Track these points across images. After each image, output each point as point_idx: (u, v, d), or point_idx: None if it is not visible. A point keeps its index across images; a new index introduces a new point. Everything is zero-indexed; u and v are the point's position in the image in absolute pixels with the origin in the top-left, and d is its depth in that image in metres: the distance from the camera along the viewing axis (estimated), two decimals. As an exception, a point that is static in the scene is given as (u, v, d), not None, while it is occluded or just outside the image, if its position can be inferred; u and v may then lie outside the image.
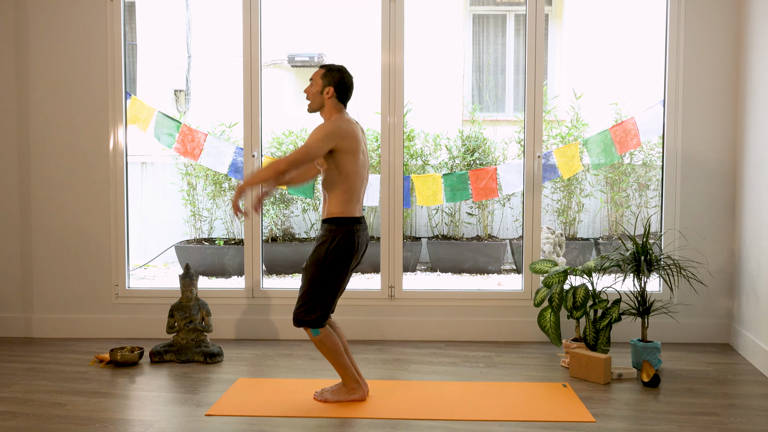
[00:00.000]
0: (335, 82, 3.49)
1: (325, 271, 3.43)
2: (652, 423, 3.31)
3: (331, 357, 3.51)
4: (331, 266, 3.43)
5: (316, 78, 3.50)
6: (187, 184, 7.55)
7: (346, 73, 3.51)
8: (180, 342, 4.30)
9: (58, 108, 4.81)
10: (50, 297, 4.89)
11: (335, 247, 3.42)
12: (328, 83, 3.48)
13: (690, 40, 4.61)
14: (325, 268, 3.43)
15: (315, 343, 3.49)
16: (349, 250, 3.44)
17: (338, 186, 3.44)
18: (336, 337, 3.51)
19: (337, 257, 3.43)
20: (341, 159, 3.41)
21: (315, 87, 3.49)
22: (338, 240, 3.42)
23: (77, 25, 4.77)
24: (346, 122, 3.43)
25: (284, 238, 7.40)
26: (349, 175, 3.43)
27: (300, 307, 3.46)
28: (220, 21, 8.22)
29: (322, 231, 3.50)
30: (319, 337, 3.46)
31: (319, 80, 3.49)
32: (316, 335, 3.46)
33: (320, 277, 3.43)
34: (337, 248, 3.42)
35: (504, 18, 8.55)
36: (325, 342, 3.47)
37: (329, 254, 3.42)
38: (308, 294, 3.44)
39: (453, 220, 7.63)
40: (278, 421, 3.33)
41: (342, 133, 3.39)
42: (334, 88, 3.48)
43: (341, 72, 3.51)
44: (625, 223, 7.43)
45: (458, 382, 3.89)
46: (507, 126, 8.06)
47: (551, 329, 4.17)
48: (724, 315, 4.69)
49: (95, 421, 3.33)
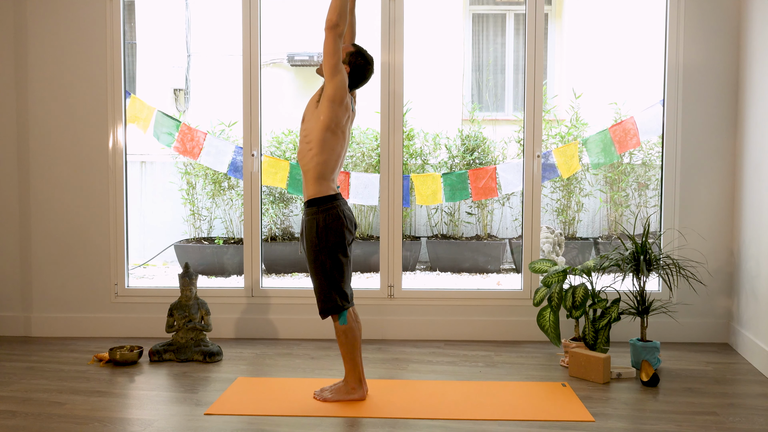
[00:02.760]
0: (353, 65, 3.47)
1: (323, 254, 3.42)
2: (651, 422, 3.31)
3: (347, 350, 3.50)
4: (326, 248, 3.42)
5: (343, 51, 3.46)
6: (187, 183, 7.54)
7: (368, 65, 3.50)
8: (179, 341, 4.29)
9: (58, 107, 4.81)
10: (49, 296, 4.89)
11: (324, 228, 3.40)
12: (348, 61, 3.47)
13: (689, 40, 4.61)
14: (322, 251, 3.42)
15: (338, 331, 3.48)
16: (338, 226, 3.42)
17: (315, 162, 3.41)
18: (358, 334, 3.52)
19: (330, 237, 3.41)
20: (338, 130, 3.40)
21: (336, 56, 3.37)
22: (324, 220, 3.41)
23: (77, 24, 4.77)
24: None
25: (283, 237, 7.40)
26: (327, 149, 3.40)
27: (318, 299, 3.49)
28: (219, 20, 8.22)
29: (304, 215, 3.49)
30: (344, 327, 3.47)
31: (344, 53, 3.47)
32: (343, 324, 3.47)
33: (321, 261, 3.43)
34: (327, 229, 3.40)
35: (504, 17, 8.55)
36: (348, 335, 3.48)
37: (321, 236, 3.41)
38: (318, 283, 3.46)
39: (452, 220, 7.63)
40: (277, 420, 3.33)
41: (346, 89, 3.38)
42: (351, 69, 3.47)
43: (366, 60, 3.49)
44: (625, 222, 7.43)
45: (457, 382, 3.89)
46: (506, 125, 8.06)
47: (550, 329, 4.17)
48: (724, 314, 4.70)
49: (94, 420, 3.33)
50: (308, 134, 3.45)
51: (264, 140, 5.69)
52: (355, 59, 3.49)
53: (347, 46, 3.51)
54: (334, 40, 3.30)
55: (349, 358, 3.52)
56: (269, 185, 5.08)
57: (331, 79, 3.34)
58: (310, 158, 3.43)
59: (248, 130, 4.79)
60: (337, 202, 3.45)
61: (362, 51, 3.52)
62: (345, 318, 3.47)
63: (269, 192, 7.29)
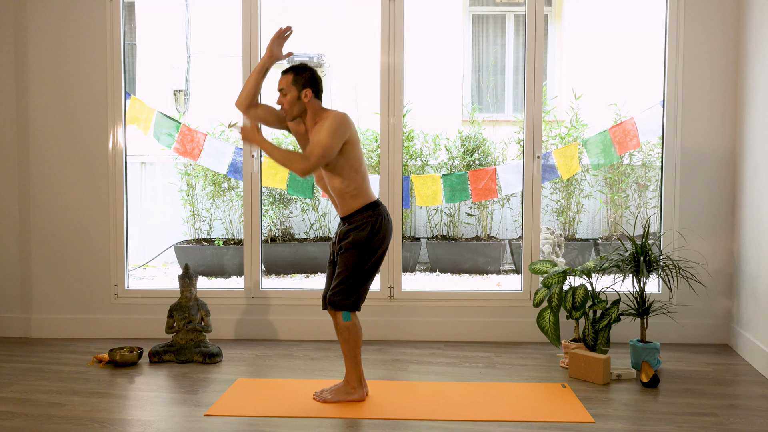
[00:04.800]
0: (309, 82, 3.39)
1: (367, 253, 3.43)
2: (651, 423, 3.31)
3: (349, 348, 3.50)
4: (372, 250, 3.44)
5: (287, 85, 3.39)
6: (187, 184, 7.54)
7: (314, 71, 3.44)
8: (179, 342, 4.29)
9: (58, 108, 4.81)
10: (49, 297, 4.88)
11: (377, 231, 3.43)
12: (303, 86, 3.39)
13: (689, 41, 4.61)
14: (368, 252, 3.43)
15: (341, 327, 3.47)
16: (384, 232, 3.46)
17: (353, 179, 3.41)
18: (360, 333, 3.52)
19: (378, 241, 3.44)
20: (351, 151, 3.38)
21: (291, 94, 3.38)
22: (378, 223, 3.44)
23: (77, 25, 4.77)
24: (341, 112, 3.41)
25: (283, 239, 7.40)
26: (360, 164, 3.43)
27: (338, 290, 3.44)
28: (219, 21, 8.22)
29: (356, 220, 3.44)
30: (348, 324, 3.46)
31: (292, 87, 3.38)
32: (346, 320, 3.46)
33: (361, 261, 3.43)
34: (377, 232, 3.44)
35: (503, 18, 8.55)
36: (352, 330, 3.48)
37: (372, 238, 3.43)
38: (350, 277, 3.43)
39: (452, 221, 7.63)
40: (277, 421, 3.33)
41: (350, 122, 3.39)
42: (311, 88, 3.40)
43: (310, 69, 3.42)
44: (625, 223, 7.43)
45: (457, 383, 3.89)
46: (506, 126, 8.06)
47: (550, 330, 4.17)
48: (724, 315, 4.69)
49: (94, 421, 3.33)
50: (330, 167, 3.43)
51: (264, 141, 5.67)
52: (309, 82, 3.38)
53: (290, 81, 3.39)
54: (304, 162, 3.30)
55: (351, 356, 3.51)
56: (269, 186, 5.08)
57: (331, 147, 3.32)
58: (341, 186, 3.44)
59: (248, 131, 4.78)
60: (383, 207, 3.52)
61: (298, 68, 3.40)
62: (349, 315, 3.46)
63: (269, 193, 7.29)
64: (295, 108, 3.42)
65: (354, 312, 3.49)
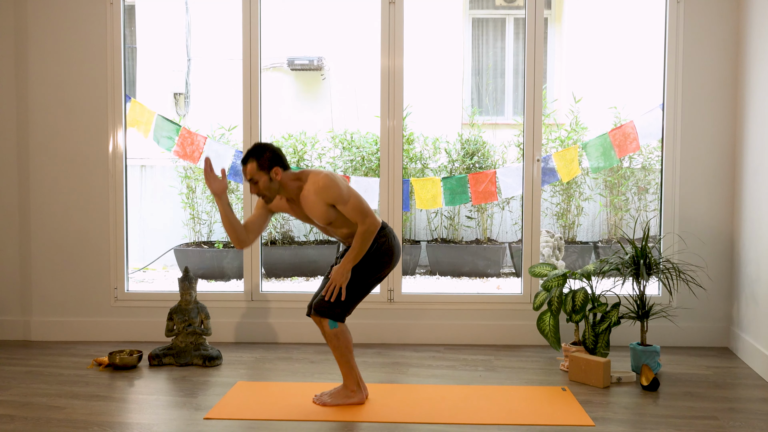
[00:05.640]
0: (273, 160, 3.34)
1: (368, 270, 3.46)
2: (651, 427, 3.30)
3: (340, 354, 3.50)
4: (373, 267, 3.47)
5: (254, 174, 3.33)
6: (187, 187, 7.55)
7: (270, 145, 3.38)
8: (179, 345, 4.29)
9: (58, 111, 4.81)
10: (49, 300, 4.88)
11: (384, 250, 3.47)
12: (270, 166, 3.34)
13: (689, 44, 4.61)
14: (369, 268, 3.46)
15: (329, 336, 3.47)
16: (389, 253, 3.49)
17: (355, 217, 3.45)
18: (350, 335, 3.53)
19: (382, 258, 3.47)
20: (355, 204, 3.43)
21: (262, 180, 3.33)
22: (384, 242, 3.48)
23: (77, 28, 4.77)
24: (319, 170, 3.41)
25: (283, 242, 7.40)
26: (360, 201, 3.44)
27: (330, 301, 3.44)
28: (219, 24, 8.23)
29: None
30: (335, 330, 3.46)
31: (259, 173, 3.33)
32: (333, 327, 3.45)
33: (359, 276, 3.45)
34: (381, 251, 3.47)
35: (503, 21, 8.56)
36: (341, 337, 3.47)
37: (375, 254, 3.46)
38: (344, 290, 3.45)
39: (452, 224, 7.63)
40: (277, 424, 3.33)
41: (335, 175, 3.40)
42: (278, 165, 3.35)
43: (267, 148, 3.36)
44: (625, 226, 7.43)
45: (457, 386, 3.88)
46: (506, 129, 8.06)
47: (550, 333, 4.17)
48: (724, 319, 4.69)
49: (94, 424, 3.32)
50: (334, 222, 3.46)
51: (264, 144, 5.68)
52: (273, 161, 3.34)
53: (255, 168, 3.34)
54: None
55: (343, 361, 3.52)
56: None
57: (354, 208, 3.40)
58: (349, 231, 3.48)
59: (248, 134, 4.79)
60: (390, 229, 3.55)
61: (256, 152, 3.34)
62: (335, 323, 3.46)
63: (269, 196, 7.28)
64: (272, 190, 3.38)
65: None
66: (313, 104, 8.41)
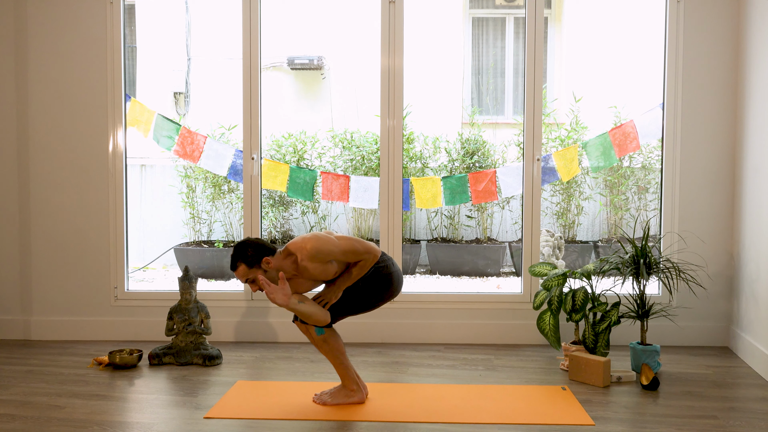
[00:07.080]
0: (258, 253, 3.35)
1: (361, 290, 3.46)
2: (651, 426, 3.30)
3: (333, 357, 3.51)
4: (369, 290, 3.47)
5: (248, 275, 3.36)
6: (187, 187, 7.55)
7: (248, 241, 3.39)
8: (179, 344, 4.29)
9: (58, 110, 4.81)
10: (49, 299, 4.88)
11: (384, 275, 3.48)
12: (258, 260, 3.35)
13: (689, 43, 4.61)
14: (364, 290, 3.46)
15: (317, 342, 3.48)
16: (388, 279, 3.49)
17: (359, 267, 3.46)
18: (339, 337, 3.53)
19: (379, 284, 3.47)
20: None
21: (259, 277, 3.33)
22: (383, 267, 3.48)
23: (77, 27, 4.77)
24: (302, 239, 3.41)
25: (283, 241, 7.40)
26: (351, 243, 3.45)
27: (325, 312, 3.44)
28: (219, 24, 8.23)
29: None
30: (323, 336, 3.46)
31: (253, 271, 3.35)
32: (320, 334, 3.46)
33: (361, 295, 3.47)
34: (380, 274, 3.47)
35: (503, 21, 8.56)
36: (329, 342, 3.48)
37: (373, 279, 3.46)
38: (341, 303, 3.46)
39: (452, 223, 7.63)
40: (277, 424, 3.33)
41: (319, 235, 3.41)
42: (265, 255, 3.37)
43: (247, 245, 3.37)
44: (625, 226, 7.43)
45: (457, 385, 3.88)
46: (506, 129, 8.07)
47: (550, 332, 4.17)
48: (724, 318, 4.69)
49: (94, 423, 3.32)
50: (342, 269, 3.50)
51: (264, 143, 5.69)
52: (259, 255, 3.35)
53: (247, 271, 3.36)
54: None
55: (337, 363, 3.53)
56: (269, 188, 5.08)
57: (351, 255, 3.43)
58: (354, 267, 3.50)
59: (248, 134, 4.79)
60: (388, 257, 3.56)
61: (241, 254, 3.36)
62: (322, 329, 3.46)
63: (269, 195, 7.29)
64: (271, 276, 3.40)
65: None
66: (313, 103, 8.41)
